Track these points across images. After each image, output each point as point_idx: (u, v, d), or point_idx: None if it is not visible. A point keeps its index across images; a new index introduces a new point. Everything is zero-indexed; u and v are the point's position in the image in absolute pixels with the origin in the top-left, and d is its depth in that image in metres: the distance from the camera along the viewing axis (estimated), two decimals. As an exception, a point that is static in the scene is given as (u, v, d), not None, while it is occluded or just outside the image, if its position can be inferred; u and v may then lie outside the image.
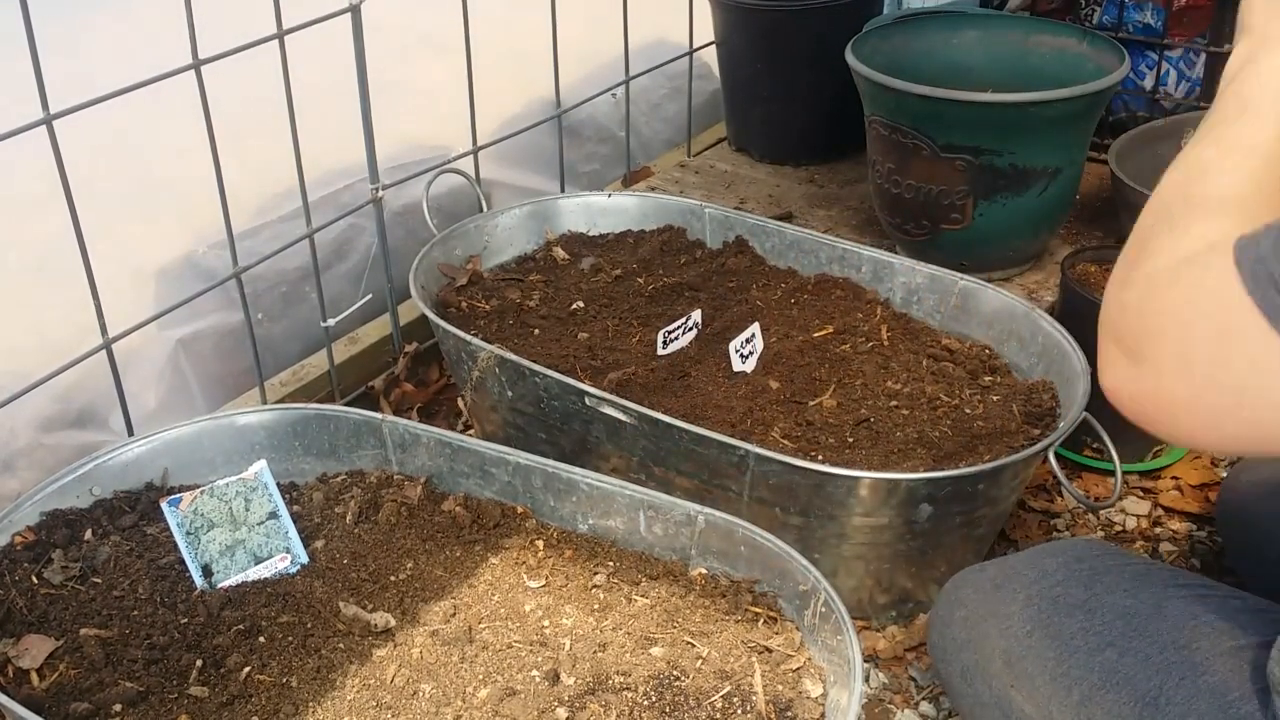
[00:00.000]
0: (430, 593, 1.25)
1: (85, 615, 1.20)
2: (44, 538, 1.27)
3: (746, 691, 1.11)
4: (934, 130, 1.72)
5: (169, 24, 1.44)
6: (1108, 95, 1.77)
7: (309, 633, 1.19)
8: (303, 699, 1.12)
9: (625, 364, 1.57)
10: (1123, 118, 2.26)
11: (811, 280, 1.75)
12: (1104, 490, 1.68)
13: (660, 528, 1.28)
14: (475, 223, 1.81)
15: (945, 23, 1.98)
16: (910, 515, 1.34)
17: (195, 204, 1.70)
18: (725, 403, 1.50)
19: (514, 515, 1.35)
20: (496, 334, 1.65)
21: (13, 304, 1.61)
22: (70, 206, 1.33)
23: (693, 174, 2.25)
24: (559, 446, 1.53)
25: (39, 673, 1.14)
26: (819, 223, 2.05)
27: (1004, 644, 1.14)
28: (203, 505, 1.27)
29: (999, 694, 1.13)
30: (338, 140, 1.76)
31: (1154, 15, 2.19)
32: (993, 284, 1.66)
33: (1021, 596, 1.15)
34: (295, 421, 1.42)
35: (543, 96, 2.12)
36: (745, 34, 2.19)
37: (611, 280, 1.78)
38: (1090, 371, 1.43)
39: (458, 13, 1.79)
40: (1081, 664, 1.07)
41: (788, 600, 1.21)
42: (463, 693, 1.13)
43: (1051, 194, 1.78)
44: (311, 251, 1.66)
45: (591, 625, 1.21)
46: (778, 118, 2.25)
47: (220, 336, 1.73)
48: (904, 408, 1.50)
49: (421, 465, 1.40)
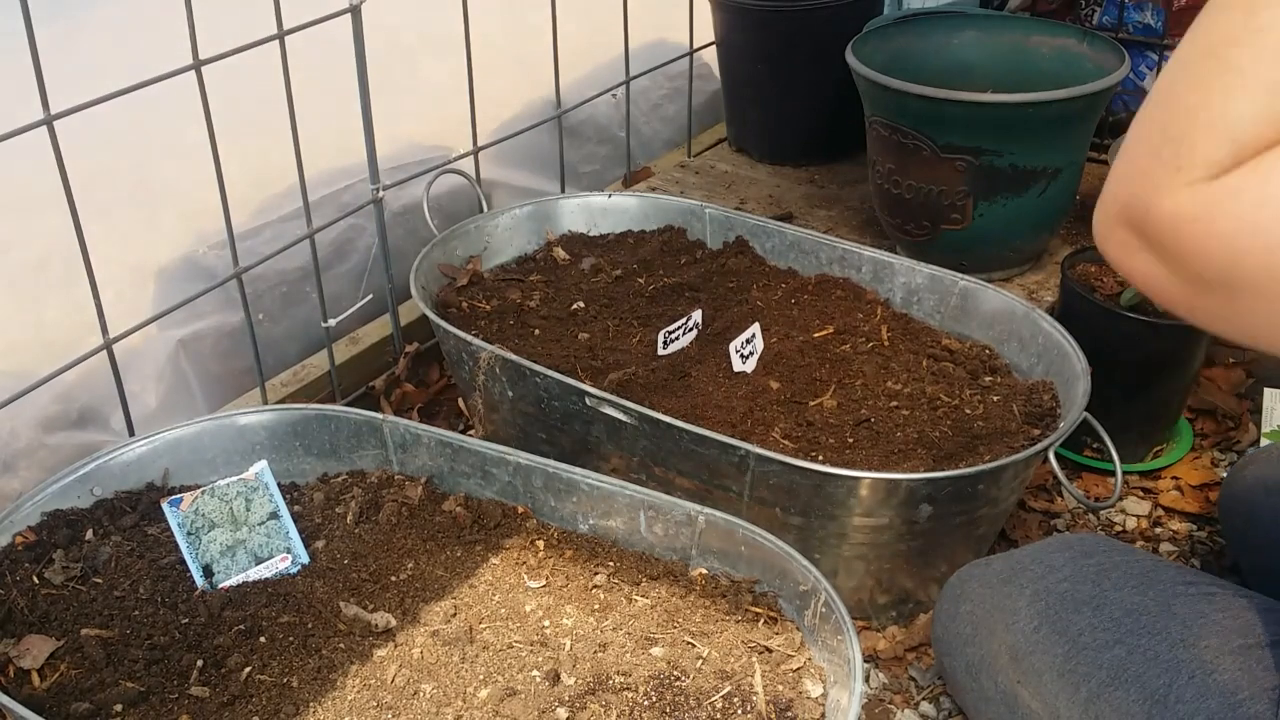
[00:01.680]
0: (431, 593, 1.25)
1: (86, 615, 1.20)
2: (45, 538, 1.27)
3: (747, 692, 1.11)
4: (934, 130, 1.73)
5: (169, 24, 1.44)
6: (1108, 95, 1.77)
7: (310, 633, 1.19)
8: (303, 699, 1.12)
9: (626, 364, 1.57)
10: (1123, 118, 2.26)
11: (812, 280, 1.75)
12: (1104, 490, 1.68)
13: (660, 528, 1.28)
14: (476, 223, 1.81)
15: (945, 23, 1.98)
16: (911, 515, 1.34)
17: (196, 204, 1.70)
18: (725, 403, 1.50)
19: (514, 515, 1.35)
20: (497, 334, 1.65)
21: (13, 304, 1.61)
22: (71, 206, 1.33)
23: (693, 174, 2.25)
24: (559, 446, 1.53)
25: (40, 673, 1.14)
26: (819, 223, 2.05)
27: (1010, 639, 1.13)
28: (203, 505, 1.27)
29: (1005, 690, 1.13)
30: (338, 140, 1.76)
31: (1154, 15, 2.19)
32: (993, 284, 1.66)
33: (1028, 591, 1.15)
34: (296, 422, 1.42)
35: (543, 97, 2.12)
36: (745, 34, 2.20)
37: (612, 280, 1.78)
38: (1090, 372, 1.44)
39: (458, 13, 1.79)
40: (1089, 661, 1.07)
41: (788, 600, 1.21)
42: (463, 693, 1.13)
43: (1052, 194, 1.78)
44: (312, 252, 1.66)
45: (592, 625, 1.21)
46: (778, 118, 2.25)
47: (221, 337, 1.73)
48: (904, 408, 1.50)
49: (422, 465, 1.40)
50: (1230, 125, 0.68)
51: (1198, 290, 0.71)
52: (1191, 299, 0.72)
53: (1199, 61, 0.72)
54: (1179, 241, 0.70)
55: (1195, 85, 0.71)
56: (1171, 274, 0.72)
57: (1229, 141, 0.68)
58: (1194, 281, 0.71)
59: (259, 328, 1.68)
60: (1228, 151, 0.68)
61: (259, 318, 1.74)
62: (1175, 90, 0.72)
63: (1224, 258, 0.68)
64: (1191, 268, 0.70)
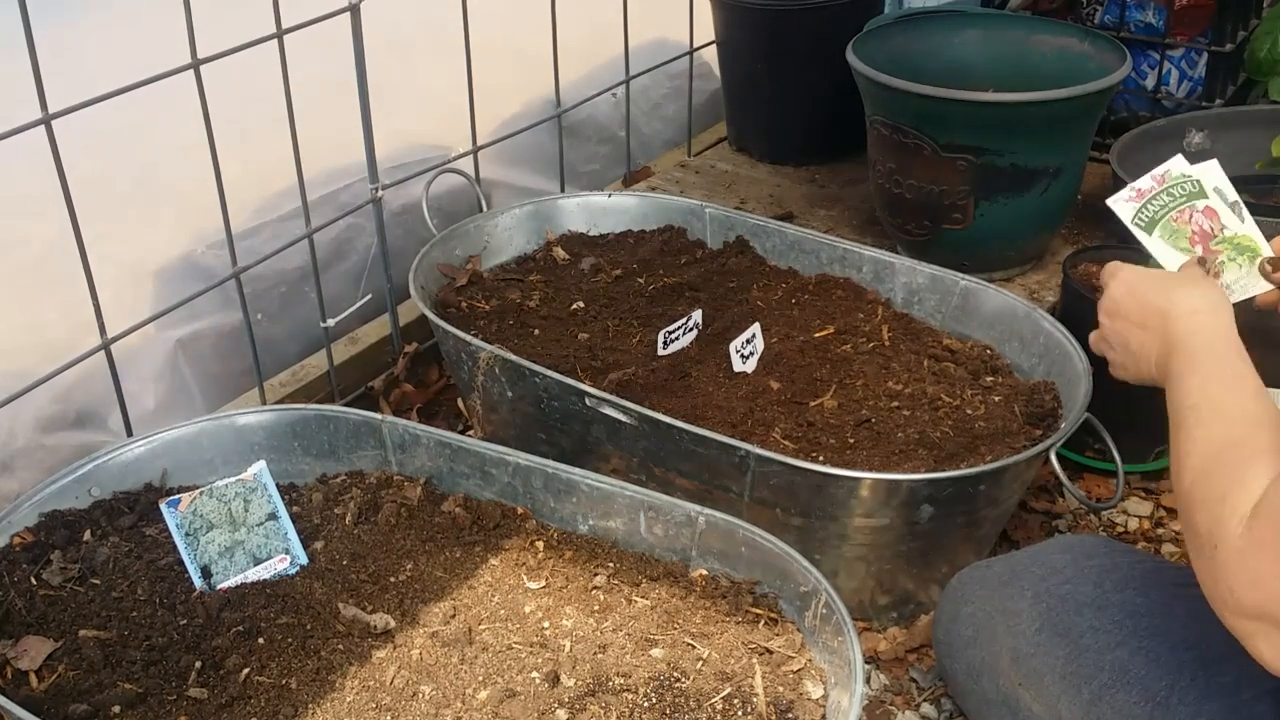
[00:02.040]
0: (430, 594, 1.25)
1: (84, 616, 1.19)
2: (43, 539, 1.27)
3: (747, 693, 1.11)
4: (935, 130, 1.72)
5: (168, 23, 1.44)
6: (1109, 95, 1.76)
7: (308, 634, 1.18)
8: (302, 700, 1.12)
9: (626, 364, 1.57)
10: (1124, 117, 2.25)
11: (812, 280, 1.75)
12: (1106, 491, 1.67)
13: (661, 528, 1.27)
14: (475, 223, 1.81)
15: (946, 22, 1.98)
16: (911, 516, 1.34)
17: (195, 204, 1.69)
18: (726, 403, 1.50)
19: (514, 516, 1.34)
20: (496, 334, 1.65)
21: (12, 304, 1.61)
22: (69, 206, 1.33)
23: (693, 174, 2.25)
24: (559, 447, 1.53)
25: (38, 674, 1.13)
26: (820, 223, 2.05)
27: (1012, 641, 1.13)
28: (202, 506, 1.27)
29: (1006, 692, 1.13)
30: (337, 140, 1.76)
31: (1155, 15, 2.18)
32: (994, 284, 1.66)
33: (1030, 593, 1.15)
34: (294, 422, 1.41)
35: (543, 96, 2.11)
36: (745, 34, 2.19)
37: (612, 280, 1.77)
38: (1091, 372, 1.43)
39: (458, 13, 1.79)
40: (1091, 663, 1.07)
41: (788, 601, 1.21)
42: (462, 694, 1.13)
43: (1053, 194, 1.77)
44: (311, 251, 1.66)
45: (592, 626, 1.21)
46: (778, 118, 2.24)
47: (219, 337, 1.72)
48: (905, 408, 1.50)
49: (421, 466, 1.39)
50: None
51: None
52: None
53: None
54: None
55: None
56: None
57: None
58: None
59: (258, 328, 1.68)
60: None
61: (258, 318, 1.74)
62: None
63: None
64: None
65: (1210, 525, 0.88)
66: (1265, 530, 0.84)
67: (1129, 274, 1.14)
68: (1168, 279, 1.13)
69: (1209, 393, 0.98)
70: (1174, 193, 1.28)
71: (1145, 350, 1.09)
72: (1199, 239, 1.26)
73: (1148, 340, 1.09)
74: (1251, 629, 0.85)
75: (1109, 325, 1.15)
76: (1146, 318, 1.09)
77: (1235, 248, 1.25)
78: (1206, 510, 0.89)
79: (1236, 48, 2.16)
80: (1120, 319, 1.12)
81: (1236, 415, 0.95)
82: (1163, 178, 1.28)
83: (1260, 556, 0.84)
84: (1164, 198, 1.28)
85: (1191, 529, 0.91)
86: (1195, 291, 1.07)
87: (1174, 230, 1.26)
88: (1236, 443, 0.92)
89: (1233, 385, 0.98)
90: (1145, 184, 1.28)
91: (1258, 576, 0.84)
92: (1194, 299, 1.06)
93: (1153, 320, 1.08)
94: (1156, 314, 1.08)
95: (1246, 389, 0.98)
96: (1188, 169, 1.28)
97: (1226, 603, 0.86)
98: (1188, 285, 1.09)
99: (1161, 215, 1.27)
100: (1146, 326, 1.09)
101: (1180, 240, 1.26)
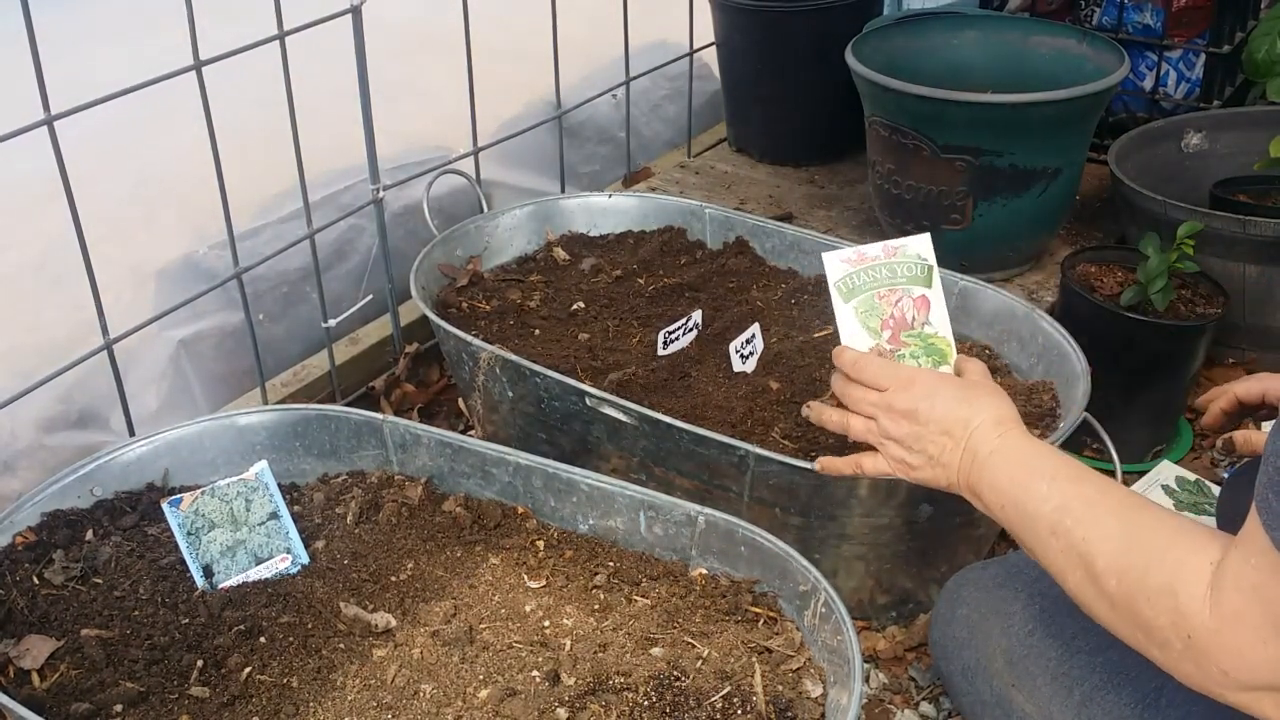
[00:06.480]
0: (431, 593, 1.25)
1: (86, 616, 1.20)
2: (45, 538, 1.27)
3: (747, 692, 1.11)
4: (934, 131, 1.73)
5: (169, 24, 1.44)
6: (1107, 96, 1.77)
7: (309, 633, 1.19)
8: (303, 699, 1.12)
9: (626, 364, 1.57)
10: (1123, 118, 2.26)
11: (812, 280, 1.75)
12: (1104, 491, 1.68)
13: (660, 528, 1.28)
14: (476, 223, 1.81)
15: (945, 23, 1.99)
16: (910, 515, 1.34)
17: (196, 204, 1.70)
18: (725, 403, 1.50)
19: (514, 515, 1.35)
20: (497, 334, 1.65)
21: (13, 304, 1.61)
22: (71, 207, 1.33)
23: (693, 174, 2.25)
24: (559, 447, 1.53)
25: (40, 673, 1.14)
26: (819, 223, 2.05)
27: (1005, 643, 1.14)
28: (204, 506, 1.27)
29: (1000, 693, 1.13)
30: (338, 141, 1.76)
31: (1153, 16, 2.19)
32: (992, 284, 1.66)
33: (1023, 595, 1.15)
34: (296, 422, 1.42)
35: (543, 97, 2.12)
36: (745, 34, 2.20)
37: (612, 281, 1.78)
38: (1090, 372, 1.44)
39: (458, 13, 1.79)
40: (1083, 664, 1.07)
41: (788, 601, 1.21)
42: (463, 693, 1.13)
43: (1051, 194, 1.78)
44: (312, 252, 1.66)
45: (592, 626, 1.21)
46: (778, 118, 2.25)
47: (221, 337, 1.73)
48: (904, 408, 1.50)
49: (422, 466, 1.40)
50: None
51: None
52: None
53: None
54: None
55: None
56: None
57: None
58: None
59: (259, 328, 1.68)
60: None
61: (259, 318, 1.75)
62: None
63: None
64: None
65: (1171, 618, 0.86)
66: (1235, 601, 0.83)
67: (928, 379, 1.14)
68: (965, 386, 1.14)
69: (1068, 493, 0.98)
70: (896, 270, 1.24)
71: (947, 457, 1.10)
72: (892, 325, 1.23)
73: (950, 447, 1.10)
74: (1252, 698, 0.85)
75: (906, 429, 1.13)
76: (950, 426, 1.10)
77: (927, 347, 1.23)
78: (1157, 604, 0.87)
79: (1234, 49, 2.16)
80: (921, 424, 1.12)
81: (1117, 507, 0.94)
82: (895, 251, 1.24)
83: (1238, 629, 0.83)
84: (883, 271, 1.23)
85: (1144, 627, 0.89)
86: (996, 400, 1.11)
87: (871, 307, 1.23)
88: (1143, 530, 0.91)
89: (1083, 480, 0.98)
90: (873, 251, 1.24)
91: (1240, 648, 0.83)
92: (999, 407, 1.10)
93: (957, 429, 1.09)
94: (960, 423, 1.09)
95: (1098, 480, 0.98)
96: (928, 252, 1.24)
97: (1223, 683, 0.85)
98: (988, 395, 1.12)
99: (868, 288, 1.23)
100: (951, 434, 1.10)
101: (872, 319, 1.23)
